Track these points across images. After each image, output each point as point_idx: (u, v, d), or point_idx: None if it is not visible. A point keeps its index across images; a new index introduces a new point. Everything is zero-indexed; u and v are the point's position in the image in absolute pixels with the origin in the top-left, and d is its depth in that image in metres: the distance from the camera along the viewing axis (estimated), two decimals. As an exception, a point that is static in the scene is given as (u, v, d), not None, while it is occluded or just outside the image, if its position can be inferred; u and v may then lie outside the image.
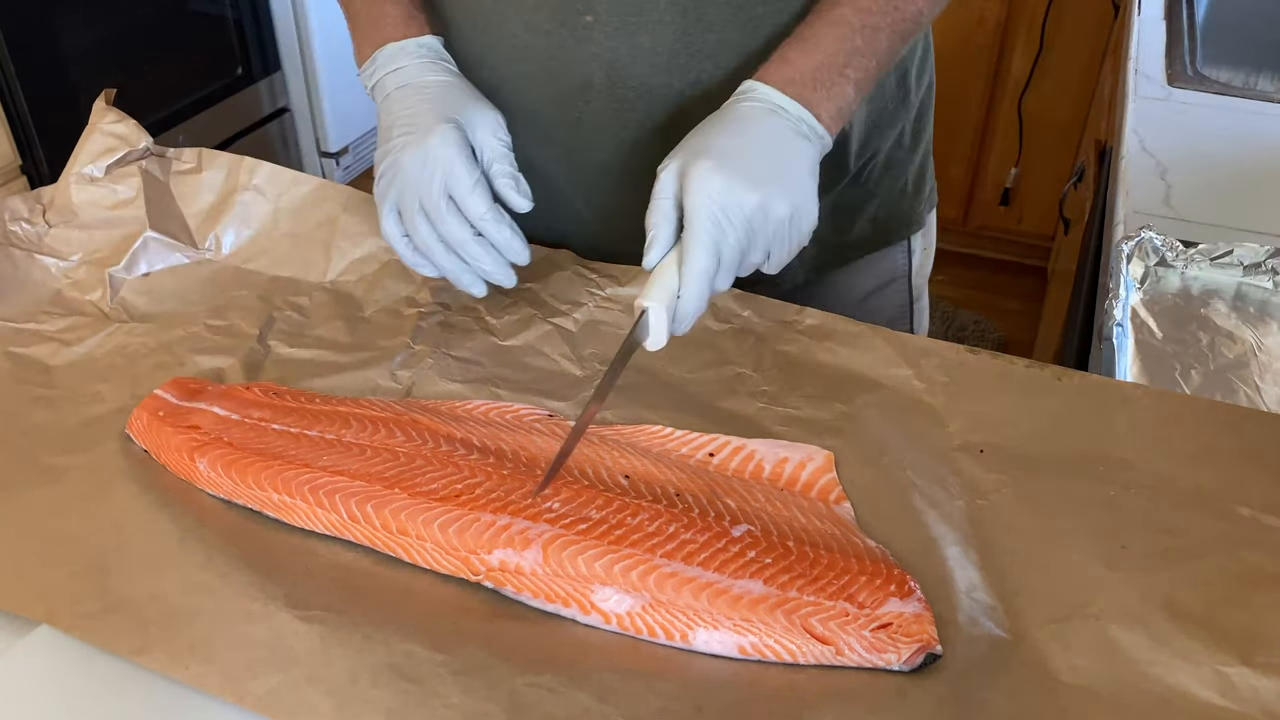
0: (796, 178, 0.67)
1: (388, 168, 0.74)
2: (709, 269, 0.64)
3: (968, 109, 2.56)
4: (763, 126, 0.68)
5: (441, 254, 0.74)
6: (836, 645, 0.55)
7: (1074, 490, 0.65)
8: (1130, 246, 0.96)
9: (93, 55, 1.92)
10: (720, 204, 0.64)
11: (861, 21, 0.71)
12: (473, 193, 0.72)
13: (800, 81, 0.70)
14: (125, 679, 0.54)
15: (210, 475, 0.65)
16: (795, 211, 0.66)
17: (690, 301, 0.64)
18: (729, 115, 0.69)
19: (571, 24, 0.76)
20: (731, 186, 0.64)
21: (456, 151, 0.72)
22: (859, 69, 0.71)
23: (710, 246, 0.64)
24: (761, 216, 0.65)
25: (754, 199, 0.64)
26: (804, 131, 0.69)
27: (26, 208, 0.87)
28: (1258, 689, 0.54)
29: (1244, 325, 0.90)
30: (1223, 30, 1.66)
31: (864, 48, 0.71)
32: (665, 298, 0.64)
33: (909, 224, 0.98)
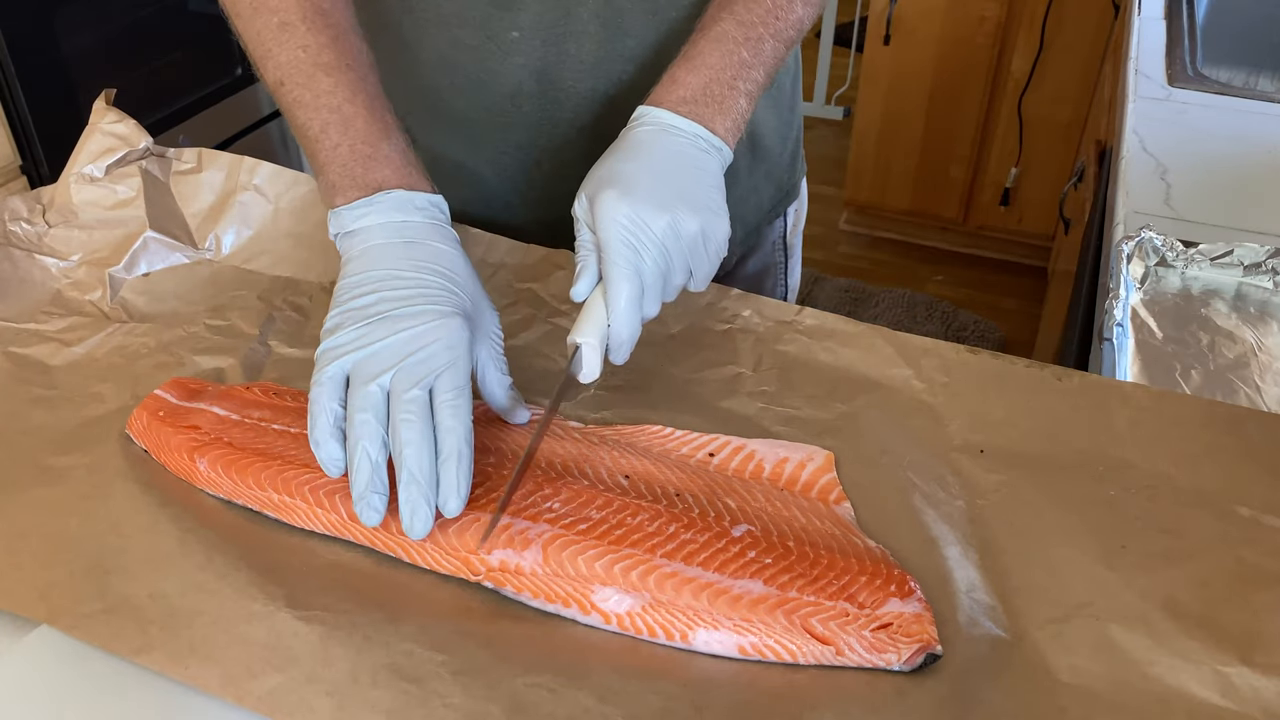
0: (701, 194, 0.68)
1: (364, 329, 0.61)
2: (633, 295, 0.64)
3: (968, 109, 2.57)
4: (661, 148, 0.69)
5: (371, 453, 0.58)
6: (836, 645, 0.55)
7: (1074, 490, 0.65)
8: (1130, 246, 0.96)
9: (93, 55, 1.92)
10: (630, 230, 0.64)
11: (744, 34, 0.72)
12: (464, 393, 0.60)
13: (692, 100, 0.70)
14: (125, 679, 0.54)
15: (210, 475, 0.65)
16: (704, 227, 0.67)
17: (621, 330, 0.64)
18: (627, 143, 0.70)
19: (499, 39, 0.78)
20: (638, 211, 0.64)
21: (466, 349, 0.62)
22: (748, 80, 0.72)
23: (629, 273, 0.64)
24: (673, 236, 0.65)
25: (663, 220, 0.65)
26: (702, 148, 0.70)
27: (26, 208, 0.87)
28: (1258, 689, 0.54)
29: (1244, 325, 0.90)
30: (1223, 30, 1.66)
31: (750, 59, 0.72)
32: (596, 332, 0.64)
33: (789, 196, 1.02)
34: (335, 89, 0.69)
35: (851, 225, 2.91)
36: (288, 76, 0.69)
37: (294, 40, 0.70)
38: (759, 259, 1.02)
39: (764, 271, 1.02)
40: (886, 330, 0.78)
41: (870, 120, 2.67)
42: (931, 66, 2.54)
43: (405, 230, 0.66)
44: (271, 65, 0.70)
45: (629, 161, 0.68)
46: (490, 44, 0.78)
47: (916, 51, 2.54)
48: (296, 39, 0.70)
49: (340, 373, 0.60)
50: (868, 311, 2.56)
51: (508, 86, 0.80)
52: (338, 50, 0.70)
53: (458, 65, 0.80)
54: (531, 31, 0.78)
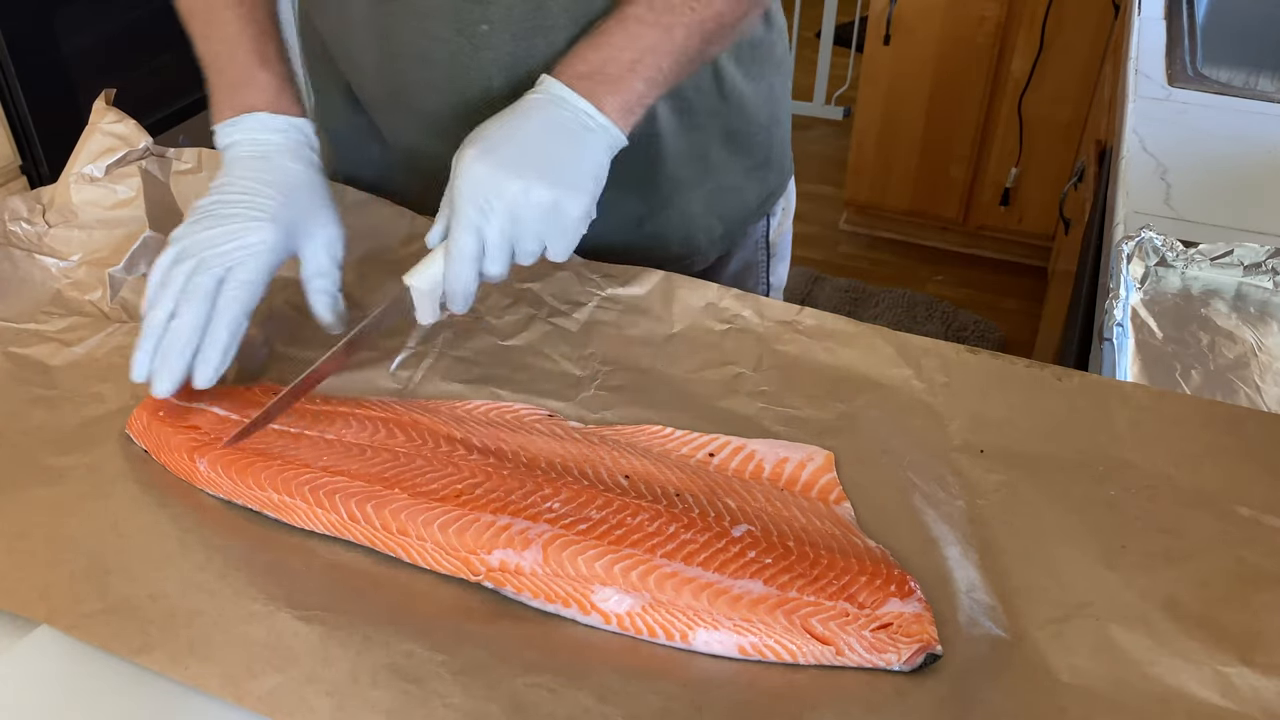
0: (567, 167, 0.69)
1: (192, 225, 0.71)
2: (472, 252, 0.67)
3: (968, 109, 2.56)
4: (541, 117, 0.70)
5: (156, 322, 0.68)
6: (836, 645, 0.55)
7: (1074, 490, 0.65)
8: (1130, 246, 0.96)
9: (93, 55, 1.92)
10: (481, 190, 0.66)
11: (654, 19, 0.72)
12: (247, 286, 0.70)
13: (587, 75, 0.71)
14: (125, 679, 0.54)
15: (210, 475, 0.65)
16: (559, 199, 0.67)
17: (455, 281, 0.67)
18: (513, 107, 0.72)
19: (469, 32, 0.78)
20: (493, 174, 0.67)
21: (270, 250, 0.71)
22: (650, 66, 0.72)
23: (471, 230, 0.67)
24: (524, 203, 0.67)
25: (515, 186, 0.66)
26: (586, 124, 0.70)
27: (26, 208, 0.87)
28: (1258, 689, 0.54)
29: (1244, 325, 0.90)
30: (1223, 30, 1.66)
31: (655, 44, 0.72)
32: (430, 279, 0.68)
33: (775, 194, 1.02)
34: (228, 21, 0.78)
35: (851, 225, 2.91)
36: (193, 11, 0.80)
37: None
38: (740, 257, 1.01)
39: (745, 270, 1.02)
40: (886, 330, 0.78)
41: (870, 120, 2.67)
42: (931, 66, 2.54)
43: (259, 147, 0.75)
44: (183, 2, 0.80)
45: (503, 127, 0.70)
46: (460, 37, 0.78)
47: (916, 51, 2.53)
48: None
49: (167, 259, 0.70)
50: (868, 311, 2.56)
51: (479, 81, 0.80)
52: None
53: (430, 60, 0.80)
54: (502, 25, 0.78)
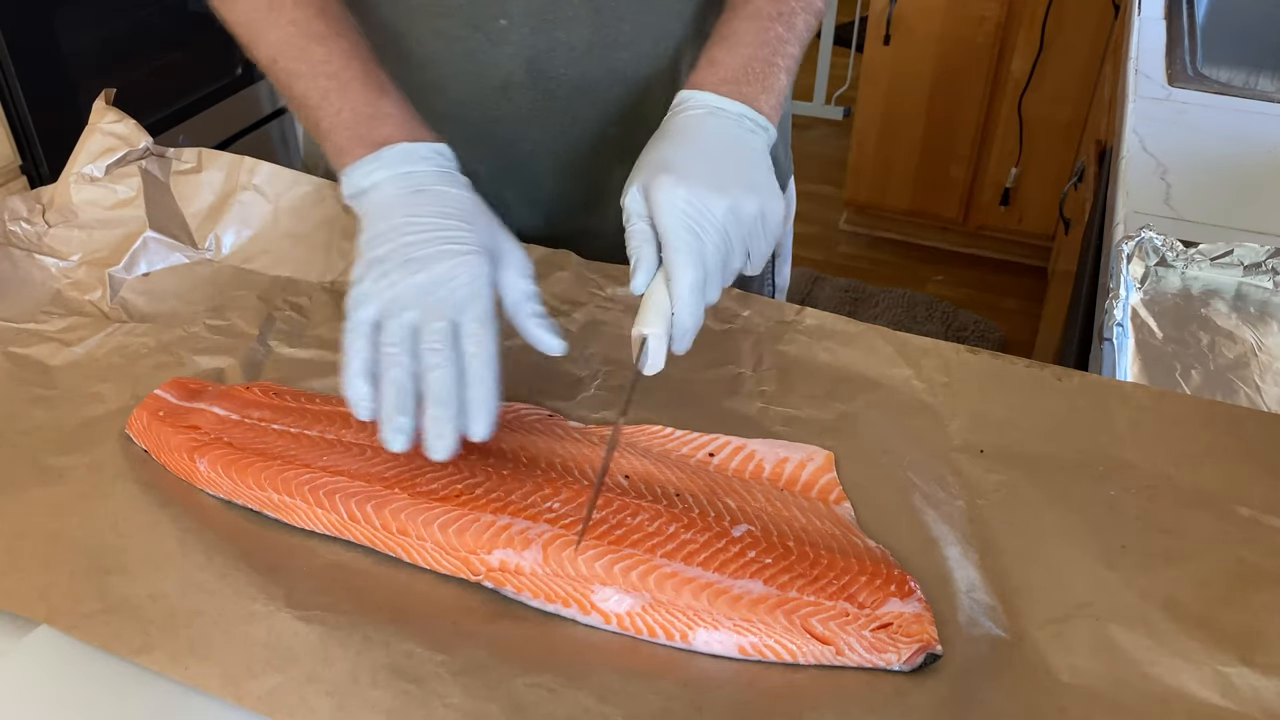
0: (755, 174, 0.68)
1: (386, 275, 0.62)
2: (697, 282, 0.63)
3: (968, 109, 2.56)
4: (710, 131, 0.68)
5: (399, 379, 0.60)
6: (836, 645, 0.55)
7: (1074, 490, 0.65)
8: (1130, 246, 0.96)
9: (93, 55, 1.92)
10: (691, 215, 0.63)
11: (777, 9, 0.72)
12: (487, 324, 0.61)
13: (733, 80, 0.70)
14: (125, 679, 0.54)
15: (210, 475, 0.65)
16: (763, 207, 0.66)
17: (685, 318, 0.63)
18: (674, 127, 0.69)
19: (486, 28, 0.77)
20: (697, 195, 0.64)
21: (487, 283, 0.62)
22: (785, 55, 0.72)
23: (693, 260, 0.63)
24: (733, 219, 0.64)
25: (723, 203, 0.64)
26: (749, 127, 0.69)
27: (26, 208, 0.87)
28: (1258, 689, 0.54)
29: (1244, 325, 0.90)
30: (1223, 30, 1.66)
31: (785, 34, 0.72)
32: (662, 322, 0.63)
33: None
34: (329, 57, 0.70)
35: (851, 225, 2.91)
36: (281, 53, 0.71)
37: (283, 17, 0.72)
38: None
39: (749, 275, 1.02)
40: (886, 330, 0.78)
41: (870, 120, 2.67)
42: (931, 66, 2.54)
43: (413, 180, 0.66)
44: (264, 44, 0.72)
45: (680, 146, 0.67)
46: (477, 33, 0.77)
47: (916, 51, 2.54)
48: (285, 15, 0.72)
49: (368, 317, 0.61)
50: (868, 311, 2.56)
51: (497, 78, 0.79)
52: (326, 20, 0.72)
53: (445, 57, 0.79)
54: (520, 18, 0.76)
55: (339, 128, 0.69)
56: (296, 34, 0.71)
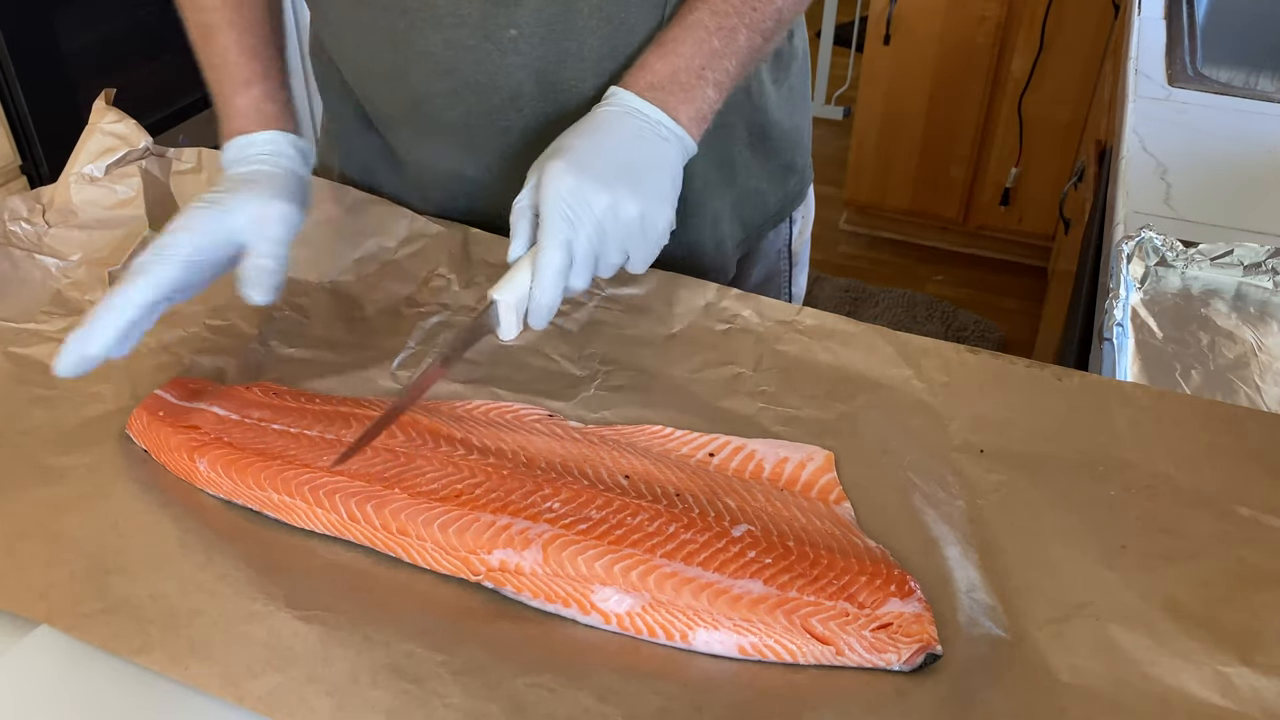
0: (650, 179, 0.69)
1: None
2: (560, 266, 0.65)
3: (968, 109, 2.56)
4: (619, 129, 0.70)
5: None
6: (836, 645, 0.55)
7: (1074, 490, 0.65)
8: (1130, 246, 0.96)
9: (93, 55, 1.92)
10: (569, 203, 0.65)
11: (718, 24, 0.72)
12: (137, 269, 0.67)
13: (658, 86, 0.71)
14: (125, 679, 0.54)
15: (210, 475, 0.65)
16: (645, 212, 0.67)
17: (542, 295, 0.66)
18: (588, 120, 0.71)
19: (496, 38, 0.77)
20: (581, 186, 0.65)
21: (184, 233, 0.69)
22: (717, 70, 0.72)
23: (560, 244, 0.65)
24: (611, 216, 0.66)
25: (604, 199, 0.66)
26: (662, 134, 0.70)
27: (26, 208, 0.87)
28: (1258, 689, 0.54)
29: (1244, 325, 0.90)
30: (1223, 30, 1.66)
31: (721, 49, 0.72)
32: (515, 292, 0.66)
33: (795, 200, 1.01)
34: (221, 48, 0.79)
35: (851, 225, 2.91)
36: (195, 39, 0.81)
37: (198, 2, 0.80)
38: (763, 267, 1.01)
39: (768, 280, 1.02)
40: (886, 330, 0.78)
41: (870, 120, 2.67)
42: (931, 66, 2.54)
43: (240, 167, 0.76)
44: (189, 30, 0.81)
45: (584, 137, 0.69)
46: (487, 43, 0.77)
47: (916, 51, 2.54)
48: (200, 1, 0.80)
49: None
50: (868, 311, 2.56)
51: (507, 89, 0.79)
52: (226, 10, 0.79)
53: (453, 69, 0.79)
54: (531, 28, 0.77)
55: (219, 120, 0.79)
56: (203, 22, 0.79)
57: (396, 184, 0.91)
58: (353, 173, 0.94)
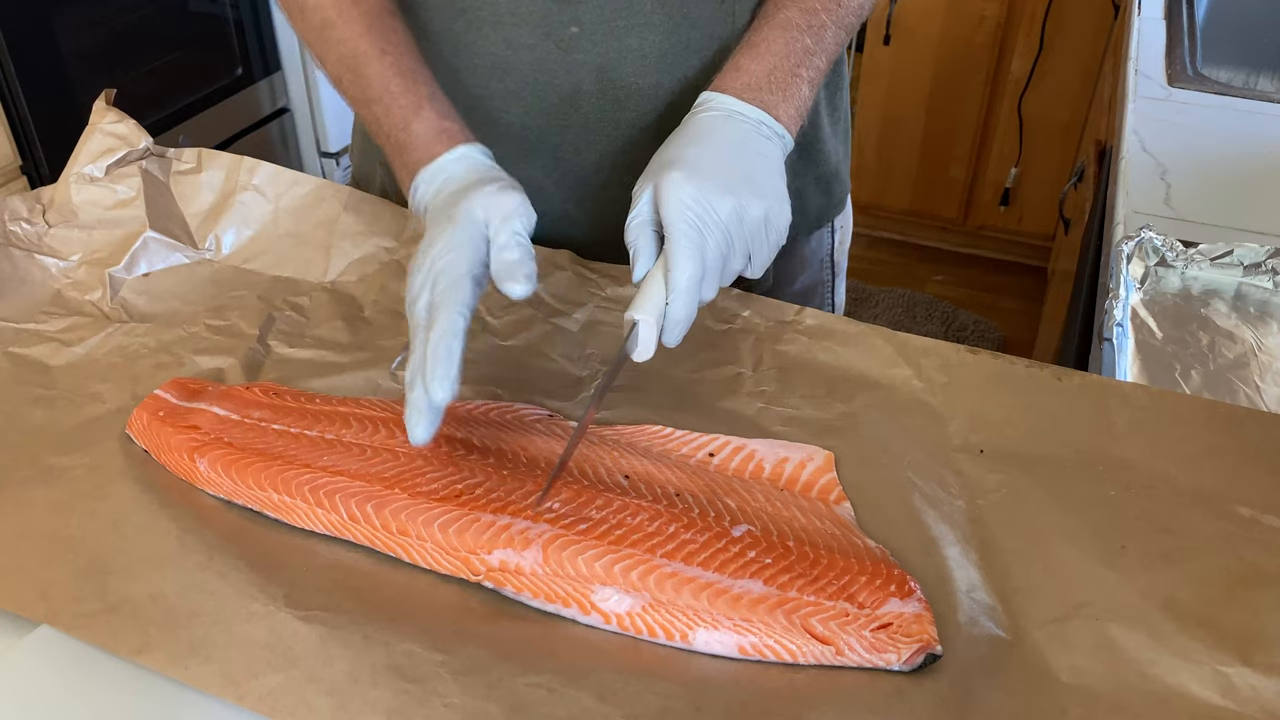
0: (765, 179, 0.68)
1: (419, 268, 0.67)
2: (695, 276, 0.63)
3: (968, 109, 2.56)
4: (726, 133, 0.69)
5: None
6: (836, 645, 0.55)
7: (1074, 490, 0.65)
8: (1130, 246, 0.96)
9: (93, 55, 1.92)
10: (695, 212, 0.64)
11: (808, 21, 0.72)
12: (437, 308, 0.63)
13: (756, 86, 0.70)
14: (125, 679, 0.54)
15: (210, 475, 0.65)
16: (768, 212, 0.67)
17: (679, 310, 0.63)
18: (691, 127, 0.70)
19: (557, 36, 0.76)
20: (704, 193, 0.64)
21: (458, 254, 0.65)
22: (811, 67, 0.72)
23: (693, 254, 0.63)
24: (737, 220, 0.65)
25: (728, 204, 0.65)
26: (765, 134, 0.70)
27: (26, 208, 0.87)
28: (1258, 689, 0.54)
29: (1244, 325, 0.90)
30: (1223, 30, 1.66)
31: (813, 46, 0.72)
32: (654, 309, 0.64)
33: (836, 207, 1.00)
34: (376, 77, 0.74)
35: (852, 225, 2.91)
36: (339, 75, 0.76)
37: (333, 36, 0.75)
38: (807, 277, 1.00)
39: (810, 289, 1.01)
40: (886, 330, 0.78)
41: (870, 120, 2.67)
42: (931, 66, 2.54)
43: (441, 190, 0.70)
44: (328, 66, 0.76)
45: (693, 145, 0.68)
46: (548, 41, 0.76)
47: (916, 51, 2.54)
48: (335, 34, 0.75)
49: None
50: (868, 311, 2.56)
51: (566, 87, 0.78)
52: (372, 38, 0.74)
53: (512, 68, 0.78)
54: (592, 25, 0.76)
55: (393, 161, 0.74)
56: (346, 54, 0.75)
57: None
58: (397, 188, 0.93)
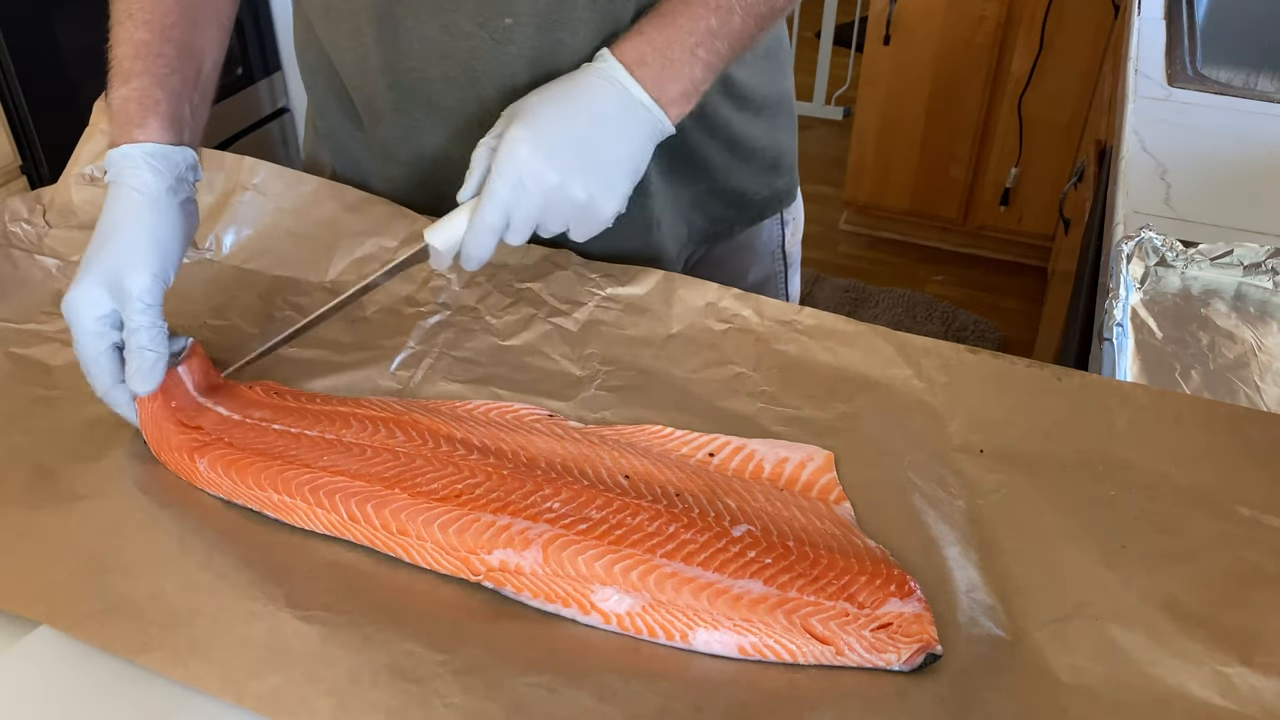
0: (608, 163, 0.69)
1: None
2: (496, 225, 0.67)
3: (968, 109, 2.56)
4: (591, 100, 0.70)
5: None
6: (836, 645, 0.55)
7: (1074, 490, 0.65)
8: (1130, 246, 0.96)
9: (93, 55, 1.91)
10: (518, 173, 0.67)
11: (716, 2, 0.72)
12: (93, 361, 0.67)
13: (651, 60, 0.71)
14: (125, 679, 0.54)
15: (210, 475, 0.65)
16: (593, 198, 0.68)
17: (473, 246, 0.68)
18: (568, 82, 0.71)
19: (491, 26, 0.77)
20: (533, 160, 0.67)
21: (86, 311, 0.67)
22: (710, 50, 0.72)
23: (500, 207, 0.67)
24: (557, 195, 0.68)
25: (553, 179, 0.67)
26: (639, 113, 0.70)
27: (26, 208, 0.87)
28: (1258, 689, 0.54)
29: (1244, 325, 0.90)
30: (1223, 30, 1.66)
31: (717, 28, 0.72)
32: (445, 239, 0.69)
33: (784, 199, 1.01)
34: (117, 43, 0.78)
35: (851, 225, 2.91)
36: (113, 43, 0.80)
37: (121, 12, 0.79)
38: (758, 270, 1.01)
39: (764, 281, 1.02)
40: (886, 330, 0.78)
41: (870, 120, 2.67)
42: (931, 66, 2.54)
43: (117, 188, 0.73)
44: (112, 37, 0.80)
45: (555, 104, 0.70)
46: (483, 31, 0.77)
47: (916, 51, 2.54)
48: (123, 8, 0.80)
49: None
50: (868, 311, 2.56)
51: (501, 78, 0.79)
52: (151, 30, 0.77)
53: (450, 55, 0.79)
54: (526, 18, 0.77)
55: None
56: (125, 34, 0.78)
57: (390, 180, 0.91)
58: (344, 170, 0.95)
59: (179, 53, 0.76)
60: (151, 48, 0.75)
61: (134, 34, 0.76)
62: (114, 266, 0.68)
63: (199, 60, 0.78)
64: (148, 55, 0.75)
